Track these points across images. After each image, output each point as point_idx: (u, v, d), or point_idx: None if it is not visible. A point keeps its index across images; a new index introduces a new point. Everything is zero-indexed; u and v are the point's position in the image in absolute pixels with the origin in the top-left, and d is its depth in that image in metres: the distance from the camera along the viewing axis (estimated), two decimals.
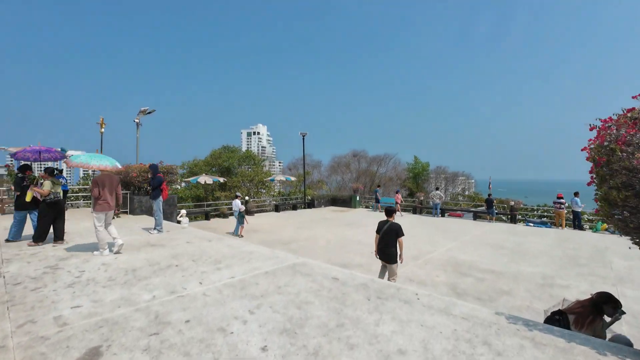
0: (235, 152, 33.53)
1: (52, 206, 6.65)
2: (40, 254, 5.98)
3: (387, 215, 6.22)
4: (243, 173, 30.95)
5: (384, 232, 6.02)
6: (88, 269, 5.03)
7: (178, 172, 13.31)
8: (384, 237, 6.00)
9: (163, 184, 8.20)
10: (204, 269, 5.09)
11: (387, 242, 5.94)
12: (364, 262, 9.04)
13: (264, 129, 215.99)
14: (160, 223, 8.19)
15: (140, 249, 6.44)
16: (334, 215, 19.54)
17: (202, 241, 7.18)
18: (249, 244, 6.98)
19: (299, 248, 10.79)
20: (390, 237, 5.93)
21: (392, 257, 5.90)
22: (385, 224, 6.10)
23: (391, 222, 6.09)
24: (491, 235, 13.07)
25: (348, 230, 14.29)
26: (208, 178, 18.83)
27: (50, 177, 6.73)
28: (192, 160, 32.97)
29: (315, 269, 5.16)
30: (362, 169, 40.60)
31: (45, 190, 6.51)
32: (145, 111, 15.67)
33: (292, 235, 13.11)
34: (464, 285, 7.20)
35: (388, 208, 6.27)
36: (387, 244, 5.93)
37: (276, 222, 17.19)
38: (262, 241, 12.05)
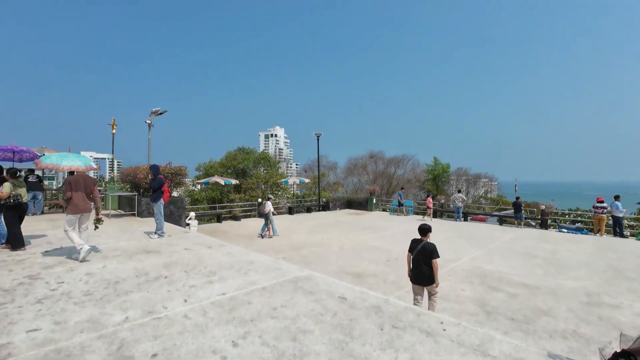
0: (251, 154, 33.28)
1: (15, 209, 6.25)
2: (28, 260, 5.58)
3: (421, 234, 5.45)
4: (258, 175, 30.64)
5: (417, 252, 5.27)
6: (69, 280, 4.53)
7: (187, 174, 12.89)
8: (417, 258, 5.25)
9: (164, 185, 7.73)
10: (195, 282, 4.49)
11: (420, 264, 5.19)
12: (379, 271, 8.24)
13: (281, 131, 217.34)
14: (161, 227, 7.71)
15: (134, 256, 5.93)
16: (349, 218, 18.76)
17: (201, 248, 6.62)
18: (250, 252, 6.36)
19: (309, 254, 10.11)
20: (425, 258, 5.17)
21: (427, 279, 5.13)
22: (418, 244, 5.35)
23: (425, 241, 5.33)
24: (521, 242, 11.94)
25: (363, 234, 13.49)
26: (220, 179, 18.49)
27: (12, 179, 6.33)
28: (208, 161, 33.02)
29: (320, 284, 4.45)
30: (379, 171, 39.53)
31: (3, 193, 6.06)
32: (157, 112, 15.46)
33: (304, 240, 12.45)
34: (495, 301, 6.30)
35: (422, 226, 5.49)
36: (421, 265, 5.17)
37: (289, 225, 16.59)
38: (271, 246, 11.46)
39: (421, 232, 5.50)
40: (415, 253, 5.31)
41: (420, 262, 5.22)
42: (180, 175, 12.54)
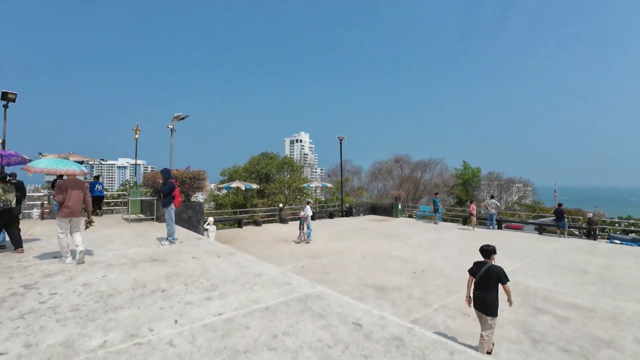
0: (274, 159, 33.24)
1: (4, 214, 6.13)
2: (33, 267, 5.38)
3: (485, 256, 4.74)
4: (281, 179, 30.47)
5: (481, 276, 4.56)
6: (62, 291, 4.21)
7: (206, 178, 12.72)
8: (481, 282, 4.55)
9: (175, 190, 7.44)
10: (192, 297, 4.02)
11: (484, 289, 4.48)
12: (404, 285, 7.47)
13: (306, 136, 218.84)
14: (171, 233, 7.41)
15: (138, 264, 5.60)
16: (373, 225, 17.94)
17: (209, 257, 6.20)
18: (260, 262, 5.84)
19: (329, 263, 9.49)
20: (490, 284, 4.46)
21: (491, 307, 4.40)
22: (482, 266, 4.64)
23: (490, 264, 4.62)
24: (566, 255, 10.66)
25: (387, 243, 12.67)
26: (241, 184, 18.34)
27: (1, 184, 6.21)
28: (232, 167, 33.33)
29: (333, 305, 3.83)
30: (404, 175, 38.20)
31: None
32: (179, 117, 15.52)
33: (324, 247, 11.84)
34: (541, 326, 5.37)
35: (486, 248, 4.77)
36: (485, 291, 4.46)
37: None
38: (289, 253, 10.95)
39: (485, 254, 4.78)
40: (478, 277, 4.61)
41: (483, 287, 4.51)
42: (199, 179, 12.38)
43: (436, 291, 7.11)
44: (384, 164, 40.29)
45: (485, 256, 4.77)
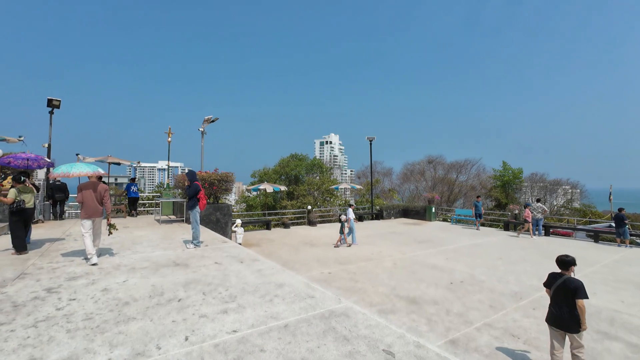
0: (303, 160, 33.19)
1: (18, 214, 6.36)
2: (61, 269, 5.42)
3: (562, 268, 4.14)
4: (310, 181, 30.30)
5: (556, 289, 3.98)
6: (81, 297, 4.11)
7: (234, 180, 12.70)
8: (557, 297, 3.96)
9: (200, 192, 7.33)
10: (208, 309, 3.73)
11: (561, 304, 3.89)
12: (440, 298, 6.80)
13: (336, 138, 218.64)
14: (196, 236, 7.30)
15: (160, 269, 5.47)
16: (404, 228, 17.13)
17: (232, 262, 5.96)
18: (284, 270, 5.49)
19: (358, 270, 8.98)
20: (567, 298, 3.86)
21: (571, 324, 3.80)
22: (558, 279, 4.05)
23: (567, 277, 4.01)
24: (631, 268, 9.35)
25: (421, 249, 11.91)
26: (269, 186, 18.27)
27: (17, 185, 6.45)
28: (262, 168, 33.69)
29: (360, 326, 3.36)
30: (438, 177, 36.57)
31: (8, 199, 6.24)
32: (209, 119, 15.76)
33: (353, 252, 11.33)
34: (611, 357, 4.54)
35: (563, 258, 4.16)
36: (562, 306, 3.88)
37: (336, 235, 15.59)
38: (317, 257, 10.56)
39: (562, 265, 4.15)
40: (554, 290, 4.00)
41: (560, 301, 3.90)
42: (227, 181, 12.38)
43: (477, 306, 6.37)
44: (416, 165, 38.91)
45: (562, 268, 4.11)
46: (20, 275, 5.06)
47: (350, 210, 12.91)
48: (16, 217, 6.42)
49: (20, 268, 5.49)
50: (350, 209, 12.99)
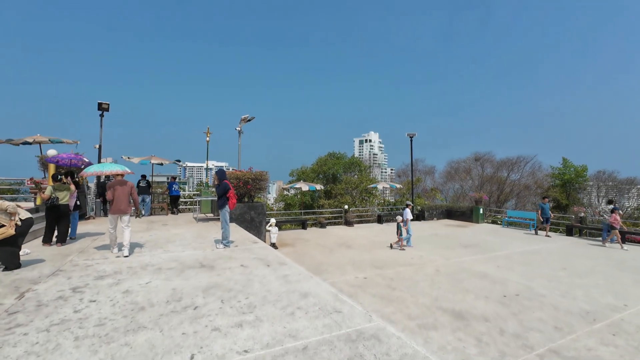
0: (341, 159, 32.67)
1: (51, 209, 6.92)
2: (93, 267, 5.48)
3: None
4: (347, 180, 29.71)
5: None
6: (102, 298, 4.00)
7: (268, 179, 12.56)
8: None
9: (230, 191, 7.14)
10: (223, 321, 3.39)
11: None
12: (491, 313, 5.92)
13: (375, 136, 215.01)
14: (226, 236, 7.13)
15: (185, 270, 5.30)
16: (448, 231, 15.92)
17: (258, 266, 5.64)
18: (311, 277, 5.03)
19: (395, 276, 8.30)
20: None
21: None
22: None
23: None
24: None
25: (467, 254, 10.84)
26: (304, 185, 18.03)
27: (54, 182, 7.17)
28: (300, 167, 33.73)
29: (393, 355, 2.79)
30: (486, 175, 33.97)
31: (44, 195, 6.92)
32: (245, 119, 15.87)
33: (391, 256, 10.61)
34: None
35: None
36: None
37: (376, 235, 14.88)
38: (351, 260, 10.01)
39: None
40: None
41: None
42: (261, 180, 12.27)
43: (538, 327, 5.43)
44: (461, 163, 36.56)
45: None
46: (56, 272, 5.16)
47: (408, 211, 12.16)
48: (50, 212, 6.98)
49: (59, 264, 5.64)
50: (407, 209, 12.22)
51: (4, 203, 5.17)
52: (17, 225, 5.23)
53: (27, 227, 5.45)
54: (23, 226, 5.34)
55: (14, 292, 4.25)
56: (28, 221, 5.44)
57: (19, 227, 5.25)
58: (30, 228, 5.57)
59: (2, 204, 5.14)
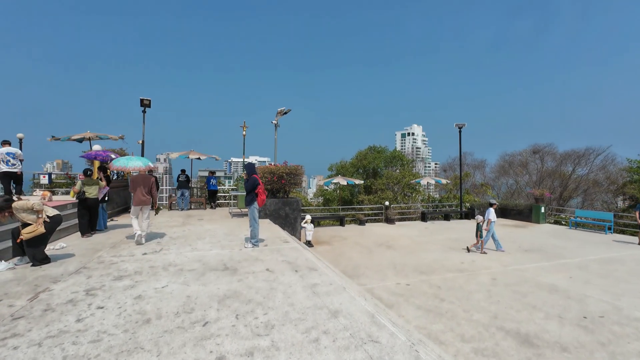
0: (381, 153, 31.32)
1: (81, 203, 7.31)
2: (116, 265, 5.25)
3: None
4: (389, 175, 28.36)
5: None
6: (111, 304, 3.63)
7: (303, 173, 11.99)
8: None
9: (258, 187, 6.62)
10: (232, 345, 2.79)
11: None
12: (569, 340, 4.76)
13: (419, 129, 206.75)
14: (255, 235, 6.63)
15: (206, 273, 4.85)
16: (504, 232, 14.24)
17: (285, 271, 5.02)
18: (344, 289, 4.27)
19: (443, 284, 7.29)
20: None
21: None
22: None
23: None
24: None
25: (529, 260, 9.39)
26: (342, 180, 17.25)
27: (84, 177, 7.48)
28: (339, 161, 32.93)
29: None
30: (546, 169, 30.47)
31: (75, 189, 7.32)
32: (282, 112, 15.44)
33: (438, 259, 9.52)
34: None
35: None
36: None
37: (419, 235, 13.72)
38: (392, 263, 9.11)
39: None
40: None
41: None
42: (296, 174, 11.73)
43: None
44: (516, 156, 33.28)
45: None
46: (80, 269, 4.99)
47: (492, 211, 10.82)
48: (80, 206, 7.40)
49: (86, 260, 5.51)
50: (491, 209, 10.85)
51: (28, 202, 5.11)
52: (46, 222, 5.14)
53: (56, 224, 5.35)
54: (52, 223, 5.24)
55: (30, 291, 4.06)
56: (56, 218, 5.34)
57: (47, 224, 5.16)
58: (58, 225, 5.47)
59: (27, 203, 5.07)
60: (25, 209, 5.01)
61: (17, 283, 4.38)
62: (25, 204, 5.03)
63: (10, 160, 8.99)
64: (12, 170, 9.01)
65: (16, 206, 4.97)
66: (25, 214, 5.03)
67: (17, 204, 4.99)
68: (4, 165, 8.90)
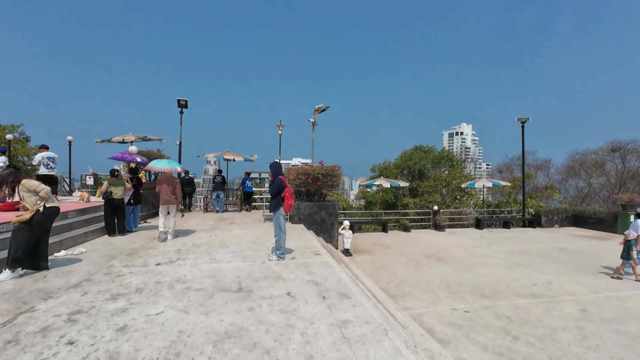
0: (429, 153, 29.14)
1: (107, 203, 7.37)
2: (124, 277, 4.62)
3: None
4: (437, 176, 26.19)
5: None
6: (85, 339, 2.87)
7: (341, 175, 10.92)
8: None
9: (285, 190, 5.66)
10: None
11: None
12: None
13: (468, 128, 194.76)
14: (280, 246, 5.69)
15: (214, 296, 3.98)
16: (582, 245, 11.89)
17: (310, 298, 3.98)
18: (385, 335, 3.10)
19: (514, 314, 5.76)
20: None
21: None
22: None
23: None
24: None
25: (628, 286, 7.37)
26: (385, 182, 15.84)
27: (111, 178, 7.50)
28: (382, 162, 31.30)
29: None
30: (629, 170, 26.08)
31: (101, 189, 7.39)
32: (319, 109, 14.51)
33: (502, 278, 7.87)
34: None
35: None
36: None
37: (475, 245, 11.93)
38: (445, 281, 7.67)
39: None
40: None
41: None
42: (333, 176, 10.69)
43: None
44: (589, 155, 29.02)
45: None
46: (81, 282, 4.42)
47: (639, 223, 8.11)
48: (106, 206, 7.43)
49: (94, 270, 4.97)
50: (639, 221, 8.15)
51: (39, 185, 4.70)
52: (38, 211, 4.64)
53: (49, 216, 4.77)
54: (45, 215, 4.71)
55: (12, 311, 3.48)
56: (52, 210, 4.78)
57: (39, 213, 4.64)
58: (52, 219, 4.83)
59: (37, 185, 4.68)
60: (30, 189, 4.65)
61: (7, 298, 3.86)
62: (33, 184, 4.70)
63: (49, 164, 9.37)
64: (50, 173, 9.36)
65: (24, 183, 4.67)
66: (27, 194, 4.66)
67: (26, 181, 4.70)
68: (44, 169, 9.27)
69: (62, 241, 6.33)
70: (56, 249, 6.01)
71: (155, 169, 7.39)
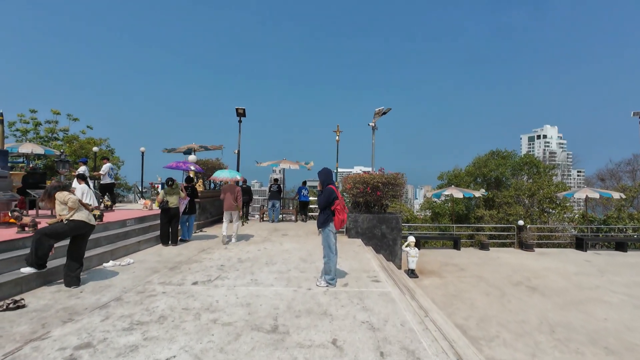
0: (507, 158, 25.62)
1: (163, 212, 7.37)
2: (155, 297, 4.13)
3: None
4: (518, 185, 22.74)
5: None
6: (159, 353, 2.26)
7: (404, 184, 9.60)
8: None
9: (336, 202, 4.69)
10: None
11: None
12: None
13: (553, 130, 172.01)
14: (330, 270, 4.72)
15: (240, 336, 3.16)
16: None
17: (362, 352, 2.92)
18: None
19: None
20: None
21: None
22: None
23: None
24: None
25: None
26: (457, 191, 13.86)
27: (167, 187, 7.42)
28: (452, 169, 28.47)
29: None
30: None
31: (158, 198, 7.45)
32: (380, 112, 13.36)
33: (625, 322, 5.77)
34: None
35: None
36: None
37: (580, 273, 9.49)
38: (545, 320, 5.88)
39: None
40: None
41: None
42: (396, 185, 9.41)
43: None
44: None
45: None
46: (110, 301, 4.02)
47: None
48: (162, 215, 7.42)
49: (130, 286, 4.63)
50: None
51: (67, 196, 4.52)
52: (61, 221, 4.41)
53: (71, 230, 4.49)
54: (67, 227, 4.45)
55: (26, 336, 3.12)
56: (75, 223, 4.48)
57: (62, 223, 4.41)
58: (74, 232, 4.51)
59: (65, 196, 4.51)
60: (61, 201, 4.51)
61: (31, 317, 3.56)
62: (64, 196, 4.53)
63: (112, 173, 10.02)
64: (112, 182, 9.97)
65: (57, 195, 4.56)
66: (60, 206, 4.52)
67: (59, 193, 4.57)
68: (109, 178, 9.89)
69: (114, 250, 6.26)
70: (105, 259, 5.93)
71: (218, 178, 8.39)
